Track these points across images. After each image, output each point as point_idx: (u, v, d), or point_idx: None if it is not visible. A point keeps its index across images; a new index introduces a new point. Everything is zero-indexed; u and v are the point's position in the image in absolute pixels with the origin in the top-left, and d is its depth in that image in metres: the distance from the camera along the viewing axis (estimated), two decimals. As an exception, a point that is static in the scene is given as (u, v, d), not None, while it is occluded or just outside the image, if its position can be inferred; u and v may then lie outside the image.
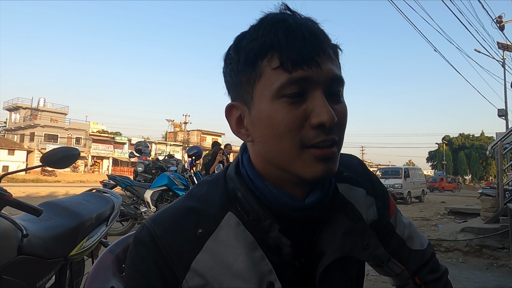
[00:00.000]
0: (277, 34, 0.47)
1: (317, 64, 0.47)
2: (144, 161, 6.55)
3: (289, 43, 0.47)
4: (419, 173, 19.18)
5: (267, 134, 0.49)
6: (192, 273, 0.50)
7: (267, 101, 0.48)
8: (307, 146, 0.48)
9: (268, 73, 0.48)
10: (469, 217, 6.81)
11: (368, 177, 0.67)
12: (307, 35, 0.47)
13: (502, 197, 5.16)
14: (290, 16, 0.50)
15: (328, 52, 0.49)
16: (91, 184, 22.99)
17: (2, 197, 1.28)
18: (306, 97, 0.48)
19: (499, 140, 5.41)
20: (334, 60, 0.50)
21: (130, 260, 0.54)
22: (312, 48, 0.47)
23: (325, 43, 0.49)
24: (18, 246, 1.28)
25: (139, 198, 5.56)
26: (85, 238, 1.73)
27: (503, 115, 15.18)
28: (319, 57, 0.48)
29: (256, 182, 0.54)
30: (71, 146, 2.79)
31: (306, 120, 0.48)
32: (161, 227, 0.52)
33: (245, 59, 0.50)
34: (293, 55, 0.47)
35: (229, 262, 0.50)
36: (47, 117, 41.92)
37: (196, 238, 0.51)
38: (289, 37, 0.47)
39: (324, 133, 0.47)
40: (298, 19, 0.50)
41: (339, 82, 0.50)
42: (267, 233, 0.52)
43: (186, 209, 0.54)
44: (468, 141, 56.82)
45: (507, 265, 4.24)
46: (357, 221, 0.58)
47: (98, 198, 2.05)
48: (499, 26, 13.23)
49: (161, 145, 47.12)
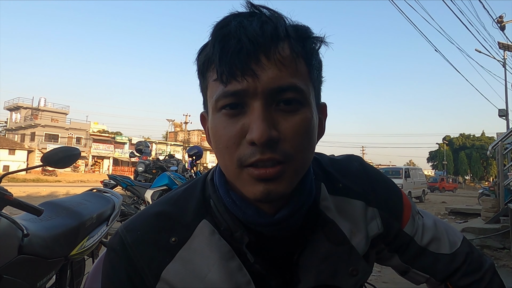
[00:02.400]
0: (214, 44, 0.44)
1: (253, 73, 0.42)
2: (145, 161, 6.55)
3: (223, 52, 0.43)
4: (420, 173, 19.17)
5: (215, 149, 0.48)
6: (163, 283, 0.48)
7: (211, 114, 0.47)
8: (244, 165, 0.44)
9: (210, 84, 0.46)
10: (469, 217, 6.80)
11: (369, 183, 0.59)
12: (245, 41, 0.42)
13: (502, 197, 5.16)
14: (240, 18, 0.45)
15: (274, 57, 0.43)
16: (92, 184, 23.00)
17: (3, 197, 1.28)
18: (245, 110, 0.44)
19: (499, 140, 5.41)
20: (286, 64, 0.44)
21: (103, 266, 0.53)
22: (247, 56, 0.42)
23: (271, 46, 0.43)
24: (18, 245, 1.28)
25: (139, 198, 5.56)
26: (85, 237, 1.73)
27: (504, 115, 15.14)
28: (257, 65, 0.43)
29: (221, 192, 0.51)
30: (71, 146, 2.79)
31: (244, 137, 0.43)
32: (132, 235, 0.51)
33: (197, 71, 0.49)
34: (226, 65, 0.43)
35: (201, 273, 0.48)
36: (48, 117, 41.94)
37: (168, 247, 0.49)
38: (224, 46, 0.43)
39: (259, 151, 0.42)
40: (245, 22, 0.44)
41: (289, 90, 0.44)
42: (242, 244, 0.49)
43: (160, 214, 0.52)
44: (468, 141, 56.78)
45: (508, 265, 4.23)
46: (339, 243, 0.52)
47: (99, 198, 2.05)
48: (500, 26, 13.22)
49: (162, 145, 47.14)
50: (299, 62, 0.46)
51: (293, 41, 0.45)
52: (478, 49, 14.44)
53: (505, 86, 15.22)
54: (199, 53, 0.49)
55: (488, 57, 14.40)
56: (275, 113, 0.44)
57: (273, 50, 0.43)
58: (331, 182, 0.57)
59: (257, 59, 0.43)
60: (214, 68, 0.45)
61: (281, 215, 0.48)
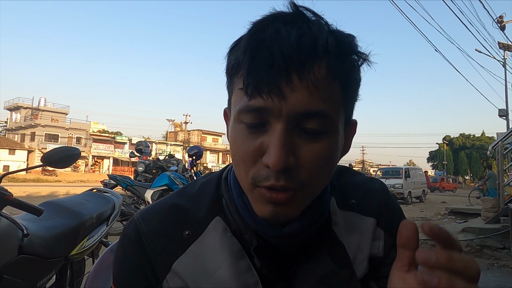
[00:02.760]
0: (245, 51, 0.41)
1: (280, 93, 0.39)
2: (145, 161, 6.55)
3: (253, 63, 0.40)
4: (420, 173, 19.17)
5: (232, 156, 0.47)
6: (173, 274, 0.49)
7: (232, 121, 0.45)
8: (257, 184, 0.43)
9: (236, 91, 0.44)
10: (469, 217, 6.81)
11: (386, 207, 0.58)
12: (278, 55, 0.39)
13: (502, 197, 5.16)
14: (279, 23, 0.41)
15: (307, 78, 0.39)
16: (92, 183, 23.00)
17: (3, 197, 1.28)
18: (267, 128, 0.42)
19: (500, 140, 5.41)
20: (319, 87, 0.40)
21: (116, 251, 0.54)
22: (278, 73, 0.39)
23: (306, 65, 0.39)
24: (18, 245, 1.28)
25: (139, 198, 5.56)
26: (85, 237, 1.74)
27: (504, 115, 15.15)
28: (286, 85, 0.39)
29: (234, 195, 0.51)
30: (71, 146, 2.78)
31: (261, 156, 0.42)
32: (148, 224, 0.51)
33: (226, 70, 0.47)
34: (253, 79, 0.40)
35: (211, 269, 0.48)
36: (48, 117, 41.98)
37: (181, 240, 0.50)
38: (255, 56, 0.40)
39: (274, 176, 0.41)
40: (283, 30, 0.40)
41: (317, 116, 0.41)
42: (251, 245, 0.49)
43: (175, 207, 0.53)
44: (468, 141, 56.75)
45: (508, 265, 4.23)
46: (342, 266, 0.50)
47: (99, 198, 2.05)
48: (500, 26, 13.23)
49: (162, 145, 47.15)
50: (333, 85, 0.42)
51: (331, 59, 0.41)
52: (478, 49, 14.46)
53: (505, 86, 15.24)
54: (230, 50, 0.46)
55: (488, 57, 14.43)
56: (297, 136, 0.42)
57: (307, 69, 0.39)
58: (343, 197, 0.56)
59: (288, 77, 0.39)
60: (241, 75, 0.42)
61: (289, 229, 0.47)
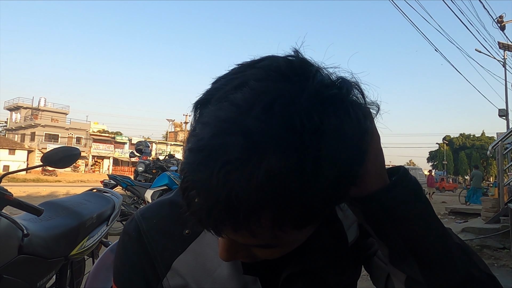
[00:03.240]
0: (188, 163, 0.33)
1: (226, 237, 0.36)
2: (145, 161, 6.55)
3: (189, 205, 0.34)
4: (420, 173, 19.19)
5: None
6: (173, 272, 0.50)
7: None
8: None
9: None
10: (469, 217, 6.81)
11: None
12: (210, 202, 0.31)
13: (502, 197, 5.16)
14: (222, 135, 0.30)
15: (250, 228, 0.32)
16: (92, 183, 23.00)
17: (3, 197, 1.28)
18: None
19: (500, 140, 5.41)
20: (261, 235, 0.34)
21: (117, 250, 0.54)
22: (216, 221, 0.33)
23: (247, 219, 0.31)
24: (18, 245, 1.28)
25: (139, 198, 5.56)
26: (85, 237, 1.74)
27: (504, 115, 15.15)
28: (229, 233, 0.34)
29: None
30: (71, 146, 2.78)
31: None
32: (148, 222, 0.52)
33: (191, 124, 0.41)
34: (197, 221, 0.34)
35: (211, 267, 0.49)
36: (48, 117, 41.98)
37: (181, 238, 0.51)
38: (188, 192, 0.33)
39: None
40: (222, 151, 0.30)
41: (267, 247, 0.38)
42: None
43: (176, 205, 0.52)
44: (468, 141, 56.74)
45: (508, 265, 4.23)
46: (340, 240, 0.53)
47: (99, 198, 2.05)
48: (500, 26, 13.23)
49: (162, 145, 47.17)
50: (286, 231, 0.34)
51: (277, 212, 0.31)
52: (478, 49, 14.45)
53: (505, 86, 15.25)
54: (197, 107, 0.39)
55: (488, 57, 14.42)
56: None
57: (247, 223, 0.32)
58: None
59: (227, 226, 0.33)
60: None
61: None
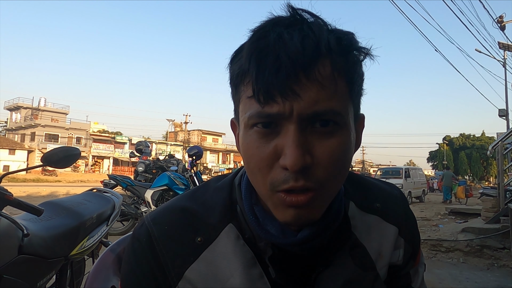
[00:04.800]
0: (251, 58, 0.41)
1: (294, 94, 0.40)
2: (145, 161, 6.55)
3: (260, 70, 0.40)
4: (420, 173, 19.17)
5: (246, 166, 0.46)
6: (185, 282, 0.48)
7: (243, 129, 0.45)
8: (277, 190, 0.42)
9: (244, 100, 0.44)
10: (469, 217, 6.80)
11: (405, 215, 0.59)
12: (284, 59, 0.39)
13: (503, 197, 5.16)
14: (280, 28, 0.41)
15: (316, 76, 0.40)
16: (92, 183, 22.99)
17: (3, 197, 1.28)
18: (279, 130, 0.42)
19: (500, 140, 5.41)
20: (326, 85, 0.40)
21: (126, 255, 0.52)
22: (286, 77, 0.39)
23: (312, 65, 0.40)
24: (18, 245, 1.28)
25: (139, 198, 5.56)
26: (85, 237, 1.73)
27: (504, 115, 15.14)
28: (298, 85, 0.40)
29: (245, 207, 0.50)
30: (71, 146, 2.78)
31: (278, 159, 0.42)
32: (159, 228, 0.50)
33: (230, 80, 0.47)
34: (263, 85, 0.40)
35: (224, 276, 0.48)
36: (48, 117, 41.96)
37: (193, 246, 0.49)
38: (261, 62, 0.40)
39: (293, 178, 0.41)
40: (285, 34, 0.40)
41: (328, 113, 0.41)
42: (265, 253, 0.48)
43: (187, 211, 0.52)
44: (469, 141, 56.71)
45: (508, 265, 4.23)
46: (367, 269, 0.51)
47: (99, 198, 2.04)
48: (500, 26, 13.22)
49: (162, 145, 47.14)
50: (339, 81, 0.42)
51: (335, 57, 0.41)
52: (478, 49, 14.45)
53: (505, 86, 15.24)
54: (232, 60, 0.46)
55: (488, 57, 14.42)
56: (310, 135, 0.41)
57: (313, 69, 0.40)
58: (367, 200, 0.56)
59: (296, 79, 0.39)
60: (249, 83, 0.42)
61: (304, 234, 0.46)
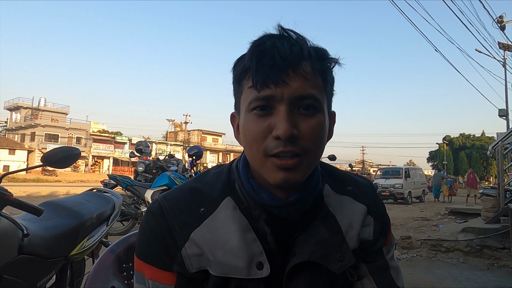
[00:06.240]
0: (252, 58, 0.56)
1: (284, 83, 0.54)
2: (145, 161, 6.55)
3: (259, 66, 0.55)
4: (420, 173, 19.16)
5: (244, 142, 0.59)
6: (191, 243, 0.58)
7: (244, 114, 0.58)
8: (269, 155, 0.55)
9: (245, 90, 0.58)
10: (469, 217, 6.80)
11: (374, 199, 0.70)
12: (277, 58, 0.54)
13: (503, 197, 5.16)
14: (273, 39, 0.56)
15: (301, 72, 0.55)
16: (92, 183, 23.00)
17: (3, 197, 1.28)
18: (272, 112, 0.55)
19: (500, 140, 5.41)
20: (308, 78, 0.55)
21: (141, 226, 0.63)
22: (279, 70, 0.54)
23: (297, 63, 0.55)
24: (18, 245, 1.28)
25: (139, 198, 5.56)
26: (85, 237, 1.73)
27: (504, 115, 15.15)
28: (287, 77, 0.54)
29: (243, 179, 0.63)
30: (71, 146, 2.78)
31: (270, 132, 0.55)
32: (169, 202, 0.61)
33: (234, 77, 0.61)
34: (261, 76, 0.54)
35: (223, 239, 0.58)
36: (48, 117, 41.94)
37: (198, 215, 0.60)
38: (260, 61, 0.55)
39: (282, 144, 0.54)
40: (278, 42, 0.55)
41: (309, 98, 0.55)
42: (257, 221, 0.60)
43: (193, 190, 0.63)
44: (469, 141, 56.62)
45: (508, 265, 4.24)
46: (335, 233, 0.62)
47: (99, 198, 2.04)
48: (500, 26, 13.22)
49: (162, 145, 47.13)
50: (317, 77, 0.57)
51: (314, 60, 0.57)
52: (478, 49, 14.44)
53: (505, 86, 15.24)
54: (236, 64, 0.60)
55: (488, 57, 14.41)
56: (296, 116, 0.55)
57: (298, 66, 0.55)
58: (341, 183, 0.69)
59: (286, 72, 0.54)
60: (250, 77, 0.56)
61: (291, 199, 0.59)
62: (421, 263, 4.45)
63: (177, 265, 0.58)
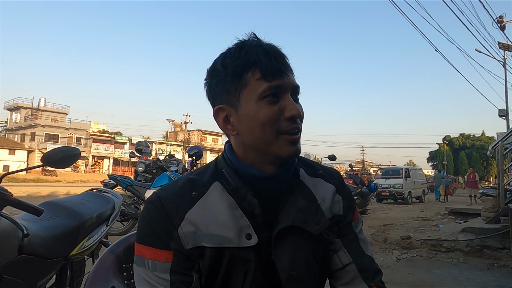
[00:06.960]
0: (258, 54, 0.66)
1: (286, 75, 0.67)
2: (145, 161, 6.54)
3: (267, 61, 0.66)
4: (420, 173, 19.15)
5: (253, 126, 0.67)
6: (186, 222, 0.66)
7: (253, 102, 0.66)
8: (282, 133, 0.66)
9: (252, 82, 0.66)
10: (469, 217, 6.80)
11: (342, 183, 0.82)
12: (277, 55, 0.68)
13: (503, 197, 5.16)
14: (260, 42, 0.69)
15: (289, 67, 0.69)
16: (92, 184, 23.00)
17: (3, 197, 1.28)
18: (279, 99, 0.67)
19: (500, 140, 5.41)
20: (293, 72, 0.70)
21: (141, 215, 0.71)
22: (282, 64, 0.67)
23: (287, 61, 0.70)
24: (18, 245, 1.28)
25: (139, 198, 5.56)
26: (85, 238, 1.73)
27: (504, 115, 15.14)
28: (286, 71, 0.68)
29: (233, 161, 0.73)
30: (71, 146, 2.78)
31: (281, 114, 0.66)
32: (166, 192, 0.70)
33: (232, 72, 0.67)
34: (271, 69, 0.66)
35: (215, 215, 0.67)
36: (48, 117, 41.93)
37: (190, 198, 0.69)
38: (267, 56, 0.66)
39: (294, 123, 0.67)
40: (267, 44, 0.69)
41: (298, 88, 0.70)
42: (244, 200, 0.69)
43: (186, 179, 0.73)
44: (468, 141, 56.63)
45: (508, 265, 4.23)
46: (311, 202, 0.74)
47: (99, 198, 2.04)
48: (500, 26, 13.22)
49: (162, 145, 47.13)
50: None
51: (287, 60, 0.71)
52: (478, 49, 14.44)
53: (505, 86, 15.23)
54: (227, 61, 0.68)
55: (488, 57, 14.40)
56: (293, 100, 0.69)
57: (287, 62, 0.70)
58: (313, 169, 0.81)
59: (285, 67, 0.68)
60: (255, 70, 0.66)
61: (280, 171, 0.71)
62: (421, 263, 4.44)
63: (174, 243, 0.66)
